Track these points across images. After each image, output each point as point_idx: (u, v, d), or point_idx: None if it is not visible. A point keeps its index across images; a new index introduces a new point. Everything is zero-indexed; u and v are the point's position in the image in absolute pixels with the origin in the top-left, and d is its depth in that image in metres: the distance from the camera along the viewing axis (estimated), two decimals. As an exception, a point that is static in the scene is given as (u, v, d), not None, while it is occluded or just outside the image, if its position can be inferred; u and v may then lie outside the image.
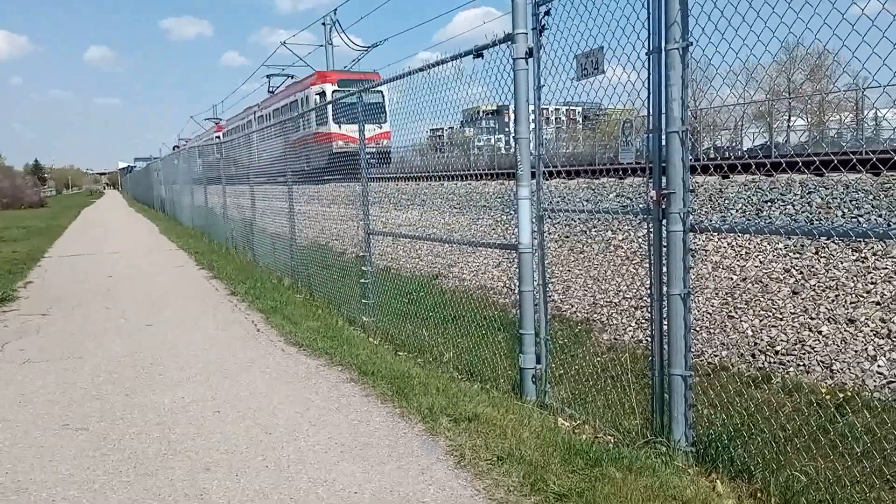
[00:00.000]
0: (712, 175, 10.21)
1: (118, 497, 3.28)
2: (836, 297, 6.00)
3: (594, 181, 11.89)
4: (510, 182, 4.56)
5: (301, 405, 4.51)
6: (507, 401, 4.37)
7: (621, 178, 11.62)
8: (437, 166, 6.70)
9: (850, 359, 5.25)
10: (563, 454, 3.46)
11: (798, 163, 4.29)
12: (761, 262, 6.95)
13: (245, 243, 13.06)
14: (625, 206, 9.41)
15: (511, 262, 6.14)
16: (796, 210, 7.89)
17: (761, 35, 3.11)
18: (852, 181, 8.02)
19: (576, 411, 4.30)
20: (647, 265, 3.75)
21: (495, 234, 9.76)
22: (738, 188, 9.11)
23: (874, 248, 6.41)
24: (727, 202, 8.75)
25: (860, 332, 5.49)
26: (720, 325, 6.22)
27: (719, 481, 3.28)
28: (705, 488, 3.18)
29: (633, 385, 4.52)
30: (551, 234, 8.98)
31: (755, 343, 5.80)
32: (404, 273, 9.61)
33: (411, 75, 5.64)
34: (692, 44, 3.32)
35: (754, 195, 8.69)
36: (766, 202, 8.35)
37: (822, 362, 5.31)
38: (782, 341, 5.70)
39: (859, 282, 6.07)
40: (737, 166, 9.62)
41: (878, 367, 5.08)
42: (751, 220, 7.91)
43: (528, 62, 4.27)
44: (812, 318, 5.84)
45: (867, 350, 5.28)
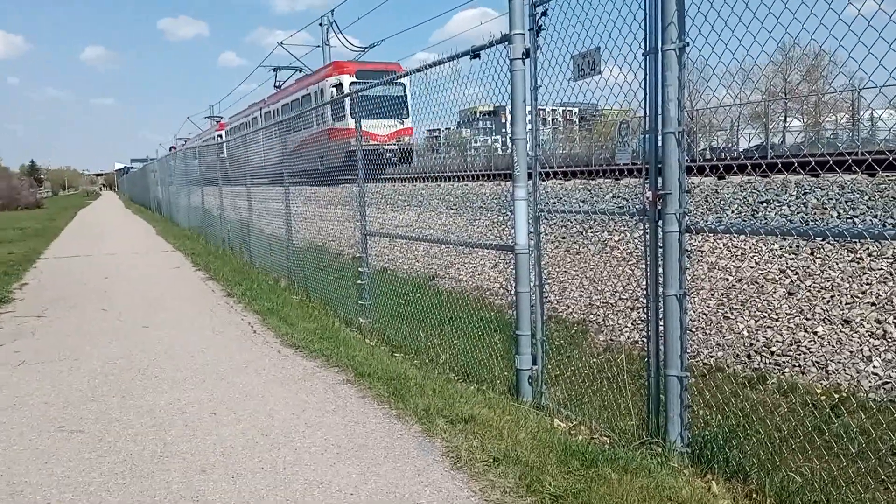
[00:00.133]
0: (708, 176, 10.22)
1: (114, 499, 3.27)
2: (832, 297, 6.01)
3: (590, 182, 11.89)
4: (507, 183, 4.56)
5: (297, 407, 4.50)
6: (504, 402, 4.37)
7: (618, 179, 11.62)
8: (434, 167, 6.67)
9: (845, 359, 5.25)
10: (559, 455, 3.47)
11: (794, 163, 4.31)
12: (757, 263, 6.96)
13: (242, 244, 13.04)
14: (621, 207, 9.42)
15: (507, 263, 6.14)
16: (792, 211, 7.90)
17: (757, 35, 3.12)
18: (848, 182, 8.04)
19: (572, 412, 4.30)
20: (643, 266, 3.76)
21: (492, 234, 9.76)
22: (733, 189, 9.12)
23: (869, 249, 6.42)
24: (723, 203, 8.76)
25: (855, 332, 5.50)
26: (716, 326, 6.22)
27: (715, 482, 3.28)
28: (701, 489, 3.19)
29: (629, 386, 4.52)
30: (548, 234, 9.00)
31: (751, 344, 5.81)
32: (401, 274, 9.61)
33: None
34: (689, 44, 3.33)
35: (750, 196, 8.70)
36: (762, 203, 8.36)
37: (818, 363, 5.32)
38: (778, 342, 5.70)
39: (854, 283, 6.08)
40: (733, 167, 9.65)
41: (874, 367, 5.09)
42: (746, 221, 7.92)
43: (524, 63, 4.28)
44: (807, 319, 5.85)
45: (862, 351, 5.29)
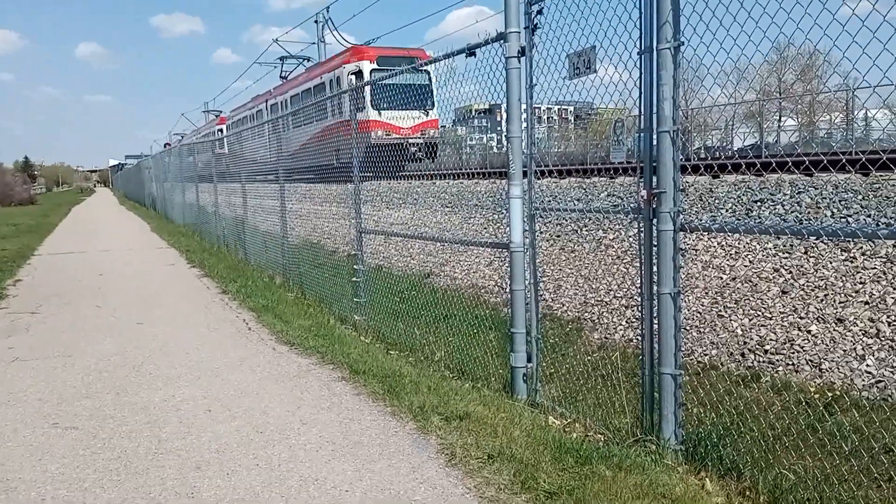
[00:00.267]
0: (703, 175, 10.26)
1: (108, 496, 3.27)
2: (826, 296, 6.04)
3: (585, 180, 11.91)
4: (502, 181, 4.56)
5: (292, 404, 4.50)
6: (498, 399, 4.37)
7: (612, 178, 11.66)
8: (429, 165, 6.61)
9: (838, 358, 5.28)
10: (553, 452, 3.48)
11: (788, 163, 4.33)
12: (751, 262, 6.99)
13: (237, 241, 13.02)
14: (616, 206, 9.44)
15: (502, 261, 6.15)
16: (786, 210, 7.94)
17: (752, 35, 3.13)
18: (842, 181, 8.07)
19: (566, 410, 4.32)
20: (637, 264, 3.77)
21: (487, 232, 9.77)
22: (728, 188, 9.15)
23: (863, 248, 6.45)
24: (717, 202, 8.79)
25: (849, 331, 5.53)
26: (710, 324, 6.25)
27: (708, 479, 3.30)
28: (694, 486, 3.20)
29: (623, 384, 4.54)
30: (543, 233, 9.01)
31: (745, 342, 5.83)
32: (396, 272, 9.61)
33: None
34: (684, 43, 3.34)
35: (744, 195, 8.73)
36: (756, 202, 8.39)
37: (811, 361, 5.35)
38: (771, 340, 5.73)
39: (848, 281, 6.11)
40: (727, 166, 9.66)
41: (867, 366, 5.12)
42: (741, 220, 7.95)
43: (520, 61, 4.28)
44: (801, 318, 5.88)
45: (856, 349, 5.32)
